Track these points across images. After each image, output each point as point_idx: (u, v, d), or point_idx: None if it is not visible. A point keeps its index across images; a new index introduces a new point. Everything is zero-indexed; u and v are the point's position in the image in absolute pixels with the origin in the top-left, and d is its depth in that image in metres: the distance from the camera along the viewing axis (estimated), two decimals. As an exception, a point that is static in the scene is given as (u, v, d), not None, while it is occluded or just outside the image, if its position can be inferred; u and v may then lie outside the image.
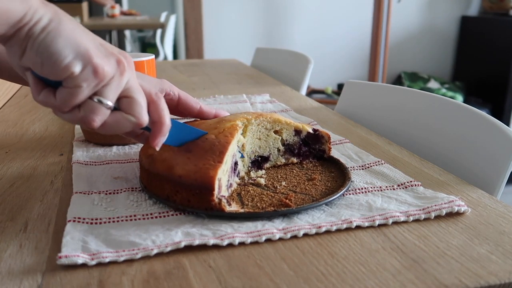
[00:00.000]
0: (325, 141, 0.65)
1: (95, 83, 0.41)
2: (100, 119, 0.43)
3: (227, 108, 0.98)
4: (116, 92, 0.43)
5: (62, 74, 0.39)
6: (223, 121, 0.58)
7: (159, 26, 3.45)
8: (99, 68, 0.40)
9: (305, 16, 3.13)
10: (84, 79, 0.40)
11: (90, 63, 0.40)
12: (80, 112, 0.42)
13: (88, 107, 0.42)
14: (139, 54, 0.79)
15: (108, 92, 0.42)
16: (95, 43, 0.41)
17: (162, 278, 0.40)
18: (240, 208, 0.51)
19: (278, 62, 1.63)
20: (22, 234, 0.47)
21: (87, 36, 0.41)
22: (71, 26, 0.40)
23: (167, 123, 0.48)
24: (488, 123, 0.69)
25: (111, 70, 0.41)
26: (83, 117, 0.42)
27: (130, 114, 0.44)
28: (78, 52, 0.39)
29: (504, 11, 3.13)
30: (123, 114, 0.44)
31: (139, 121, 0.45)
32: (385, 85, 0.97)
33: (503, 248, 0.44)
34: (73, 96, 0.41)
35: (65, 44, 0.39)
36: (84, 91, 0.41)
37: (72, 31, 0.40)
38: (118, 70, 0.42)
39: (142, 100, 0.45)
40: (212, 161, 0.50)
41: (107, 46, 0.42)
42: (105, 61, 0.41)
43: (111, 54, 0.42)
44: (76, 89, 0.40)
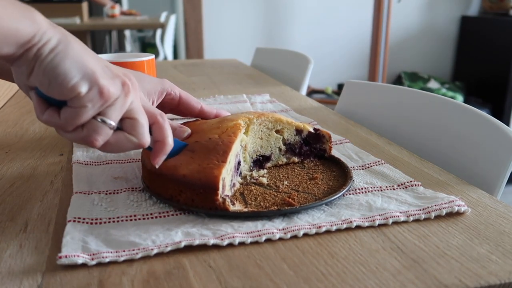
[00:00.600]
0: (326, 140, 0.65)
1: (100, 103, 0.41)
2: (103, 138, 0.43)
3: (227, 108, 0.98)
4: (120, 112, 0.44)
5: (69, 94, 0.40)
6: (225, 120, 0.58)
7: (159, 26, 3.45)
8: (104, 89, 0.41)
9: (305, 16, 3.13)
10: (89, 100, 0.41)
11: (96, 84, 0.41)
12: (83, 131, 0.43)
13: (91, 127, 0.43)
14: (139, 54, 0.79)
15: (112, 112, 0.43)
16: (101, 65, 0.42)
17: (162, 278, 0.40)
18: (244, 208, 0.51)
19: (278, 62, 1.63)
20: (22, 234, 0.47)
21: (93, 58, 0.42)
22: (78, 48, 0.41)
23: (169, 143, 0.49)
24: (488, 123, 0.69)
25: (116, 91, 0.42)
26: (86, 136, 0.43)
27: (132, 135, 0.45)
28: (85, 73, 0.40)
29: (504, 11, 3.13)
30: (125, 135, 0.45)
31: (141, 142, 0.46)
32: (385, 85, 0.97)
33: (503, 248, 0.44)
34: (78, 116, 0.41)
35: (72, 65, 0.40)
36: (89, 111, 0.41)
37: (79, 53, 0.41)
38: (123, 91, 0.43)
39: (144, 122, 0.46)
40: (216, 161, 0.50)
41: (112, 68, 0.44)
42: (111, 82, 0.42)
43: (116, 76, 0.43)
44: (81, 109, 0.41)
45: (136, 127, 0.45)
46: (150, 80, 0.61)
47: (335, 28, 3.19)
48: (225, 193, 0.51)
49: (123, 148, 0.46)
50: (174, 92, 0.63)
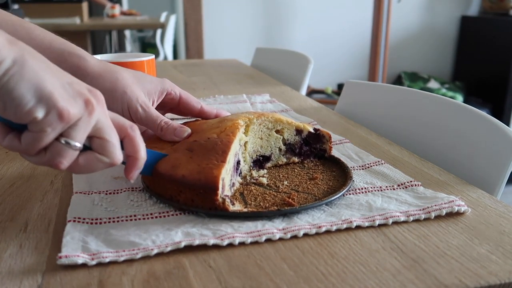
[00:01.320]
0: (326, 140, 0.65)
1: (60, 126, 0.39)
2: (68, 161, 0.41)
3: (227, 108, 0.98)
4: (85, 133, 0.41)
5: (25, 119, 0.38)
6: (225, 120, 0.58)
7: (159, 26, 3.45)
8: (64, 112, 0.38)
9: (305, 16, 3.13)
10: (48, 124, 0.38)
11: (54, 107, 0.38)
12: (46, 155, 0.41)
13: (54, 150, 0.40)
14: (139, 54, 0.79)
15: (75, 133, 0.40)
16: (62, 83, 0.40)
17: (162, 278, 0.40)
18: (244, 208, 0.51)
19: (278, 62, 1.63)
20: (22, 234, 0.47)
21: (53, 76, 0.39)
22: (36, 67, 0.38)
23: (142, 157, 0.47)
24: (488, 123, 0.69)
25: (78, 111, 0.40)
26: (50, 160, 0.41)
27: (103, 155, 0.43)
28: (41, 96, 0.38)
29: (504, 11, 3.13)
30: (95, 155, 0.43)
31: (113, 162, 0.44)
32: (385, 85, 0.97)
33: (503, 248, 0.44)
34: (38, 140, 0.39)
35: (28, 88, 0.37)
36: (49, 135, 0.39)
37: (36, 74, 0.38)
38: (86, 110, 0.40)
39: (115, 140, 0.44)
40: (215, 161, 0.50)
41: (75, 86, 0.41)
42: (71, 103, 0.39)
43: (78, 94, 0.40)
44: (40, 133, 0.39)
45: (105, 147, 0.43)
46: (150, 80, 0.61)
47: (335, 28, 3.18)
48: (225, 193, 0.51)
49: (94, 168, 0.44)
50: (174, 92, 0.63)
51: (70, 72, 0.56)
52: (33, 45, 0.55)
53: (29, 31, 0.55)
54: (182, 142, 0.56)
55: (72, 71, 0.56)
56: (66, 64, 0.56)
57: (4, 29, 0.54)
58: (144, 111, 0.57)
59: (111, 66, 0.59)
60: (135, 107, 0.57)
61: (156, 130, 0.58)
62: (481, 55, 3.20)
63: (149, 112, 0.58)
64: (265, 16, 3.10)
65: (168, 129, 0.57)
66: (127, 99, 0.57)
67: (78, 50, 0.58)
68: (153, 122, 0.58)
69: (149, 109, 0.58)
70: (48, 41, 0.56)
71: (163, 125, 0.57)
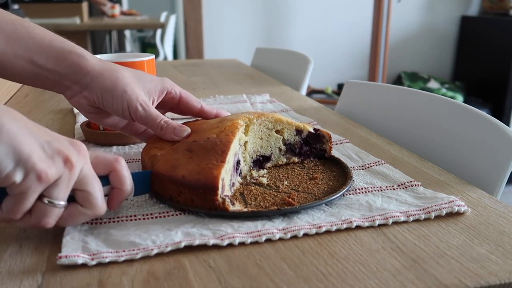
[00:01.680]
0: (326, 140, 0.65)
1: (40, 187, 0.39)
2: (54, 219, 0.42)
3: (227, 108, 0.98)
4: (67, 189, 0.41)
5: (4, 183, 0.38)
6: (225, 120, 0.58)
7: (159, 26, 3.45)
8: (42, 174, 0.39)
9: (305, 16, 3.13)
10: (27, 186, 0.39)
11: (32, 169, 0.38)
12: (31, 217, 0.41)
13: (38, 211, 0.41)
14: (139, 54, 0.79)
15: (57, 192, 0.40)
16: (40, 143, 0.40)
17: (162, 278, 0.40)
18: (244, 208, 0.51)
19: (278, 62, 1.63)
20: (22, 234, 0.47)
21: (30, 137, 0.39)
22: (13, 129, 0.38)
23: (127, 190, 0.47)
24: (488, 123, 0.69)
25: (57, 171, 0.40)
26: (36, 222, 0.41)
27: (85, 207, 0.43)
28: (19, 159, 0.38)
29: (504, 11, 3.13)
30: (78, 208, 0.43)
31: (96, 213, 0.44)
32: (385, 85, 0.97)
33: (503, 248, 0.44)
34: (20, 203, 0.39)
35: (5, 152, 0.37)
36: (30, 197, 0.39)
37: (14, 136, 0.38)
38: (66, 168, 0.40)
39: (97, 191, 0.43)
40: (215, 161, 0.50)
41: (53, 144, 0.41)
42: (50, 163, 0.39)
43: (57, 153, 0.40)
44: (21, 195, 0.39)
45: (88, 199, 0.43)
46: (150, 79, 0.61)
47: (335, 28, 3.18)
48: (225, 193, 0.51)
49: (77, 221, 0.44)
50: (175, 91, 0.63)
51: (70, 71, 0.56)
52: (33, 44, 0.55)
53: (29, 30, 0.55)
54: (182, 142, 0.56)
55: (72, 69, 0.56)
56: (66, 63, 0.56)
57: (4, 28, 0.54)
58: (144, 110, 0.57)
59: (112, 65, 0.58)
60: (135, 106, 0.57)
61: (156, 129, 0.58)
62: (481, 55, 3.19)
63: (149, 111, 0.58)
64: (265, 16, 3.10)
65: (168, 128, 0.57)
66: (127, 98, 0.57)
67: (78, 49, 0.58)
68: (153, 121, 0.58)
69: (149, 108, 0.58)
70: (48, 40, 0.56)
71: (163, 124, 0.57)
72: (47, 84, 0.58)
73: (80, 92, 0.58)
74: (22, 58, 0.55)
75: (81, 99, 0.58)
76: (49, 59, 0.56)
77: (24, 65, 0.55)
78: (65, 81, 0.57)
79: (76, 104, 0.59)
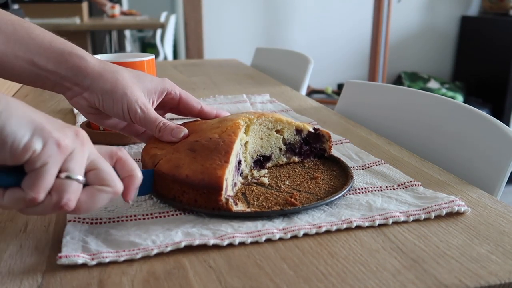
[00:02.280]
0: (326, 140, 0.65)
1: (59, 158, 0.38)
2: (75, 197, 0.39)
3: (227, 108, 0.98)
4: (82, 164, 0.40)
5: (24, 155, 0.36)
6: (225, 120, 0.58)
7: (159, 26, 3.45)
8: (61, 141, 0.37)
9: (305, 16, 3.13)
10: (48, 155, 0.37)
11: (50, 137, 0.37)
12: (52, 197, 0.38)
13: (59, 188, 0.38)
14: (139, 54, 0.79)
15: (74, 165, 0.39)
16: (47, 119, 0.39)
17: (162, 278, 0.40)
18: (247, 208, 0.51)
19: (278, 62, 1.63)
20: (22, 234, 0.47)
21: (37, 113, 0.39)
22: (19, 105, 0.38)
23: (139, 175, 0.45)
24: (488, 123, 0.69)
25: (72, 142, 0.39)
26: (57, 200, 0.38)
27: (103, 185, 0.41)
28: (35, 129, 0.37)
29: (504, 11, 3.13)
30: (96, 187, 0.41)
31: (116, 189, 0.42)
32: (385, 85, 0.97)
33: (503, 248, 0.44)
34: (41, 177, 0.37)
35: (19, 123, 0.36)
36: (51, 168, 0.37)
37: (23, 109, 0.37)
38: (78, 141, 0.40)
39: (110, 168, 0.42)
40: (218, 161, 0.51)
41: (59, 122, 0.40)
42: (64, 133, 0.38)
43: (67, 126, 0.40)
44: (42, 169, 0.37)
45: (104, 176, 0.41)
46: (151, 79, 0.61)
47: (335, 28, 3.18)
48: (228, 193, 0.51)
49: (97, 202, 0.41)
50: (175, 92, 0.63)
51: (70, 73, 0.56)
52: (33, 45, 0.55)
53: (29, 31, 0.55)
54: (184, 142, 0.56)
55: (73, 71, 0.56)
56: (66, 65, 0.56)
57: (4, 29, 0.54)
58: (143, 113, 0.57)
59: (111, 66, 0.58)
60: (134, 109, 0.57)
61: (154, 131, 0.58)
62: (481, 55, 3.19)
63: (148, 113, 0.58)
64: (265, 16, 3.10)
65: (166, 129, 0.57)
66: (127, 100, 0.57)
67: (78, 50, 0.58)
68: (151, 123, 0.58)
69: (148, 110, 0.58)
70: (48, 41, 0.56)
71: (161, 126, 0.57)
72: (47, 85, 0.58)
73: (80, 93, 0.58)
74: (22, 59, 0.55)
75: (81, 100, 0.58)
76: (49, 61, 0.56)
77: (24, 66, 0.55)
78: (65, 82, 0.57)
79: (76, 105, 0.59)
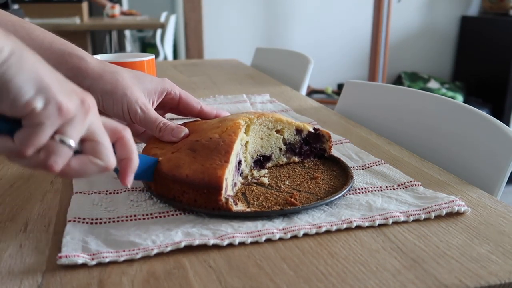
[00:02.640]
0: (326, 140, 0.65)
1: (58, 121, 0.37)
2: (62, 161, 0.39)
3: (227, 108, 0.98)
4: (79, 132, 0.39)
5: (23, 111, 0.36)
6: (225, 120, 0.58)
7: (159, 26, 3.45)
8: (63, 104, 0.37)
9: (305, 16, 3.13)
10: (46, 116, 0.37)
11: (53, 99, 0.37)
12: (40, 155, 0.38)
13: (49, 148, 0.38)
14: (139, 54, 0.79)
15: (70, 131, 0.38)
16: (58, 79, 0.38)
17: (162, 278, 0.40)
18: (246, 208, 0.51)
19: (278, 62, 1.63)
20: (22, 234, 0.47)
21: (49, 71, 0.38)
22: (33, 59, 0.37)
23: (135, 160, 0.45)
24: (488, 123, 0.69)
25: (75, 108, 0.38)
26: (44, 160, 0.38)
27: (97, 158, 0.41)
28: (40, 87, 0.36)
29: (504, 11, 3.13)
30: (90, 158, 0.41)
31: (107, 165, 0.41)
32: (385, 85, 0.97)
33: (503, 248, 0.44)
34: (35, 135, 0.37)
35: (27, 78, 0.36)
36: (47, 129, 0.37)
37: (34, 65, 0.37)
38: (82, 109, 0.39)
39: (108, 143, 0.42)
40: (218, 161, 0.51)
41: (70, 85, 0.40)
42: (69, 98, 0.38)
43: (74, 91, 0.39)
44: (38, 127, 0.37)
45: (99, 149, 0.41)
46: (151, 80, 0.61)
47: (335, 28, 3.18)
48: (228, 193, 0.51)
49: (87, 172, 0.41)
50: (174, 92, 0.63)
51: (70, 74, 0.56)
52: (34, 46, 0.55)
53: (29, 32, 0.55)
54: (184, 142, 0.56)
55: (73, 72, 0.56)
56: (66, 66, 0.56)
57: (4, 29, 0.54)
58: (143, 113, 0.58)
59: (111, 67, 0.59)
60: (134, 109, 0.57)
61: (154, 131, 0.58)
62: (481, 55, 3.19)
63: (148, 113, 0.58)
64: (265, 16, 3.09)
65: (166, 130, 0.57)
66: (127, 100, 0.57)
67: (78, 51, 0.58)
68: (151, 123, 0.58)
69: (148, 110, 0.58)
70: (48, 42, 0.56)
71: (161, 126, 0.57)
72: None
73: None
74: None
75: None
76: (50, 62, 0.55)
77: None
78: None
79: (77, 105, 0.59)
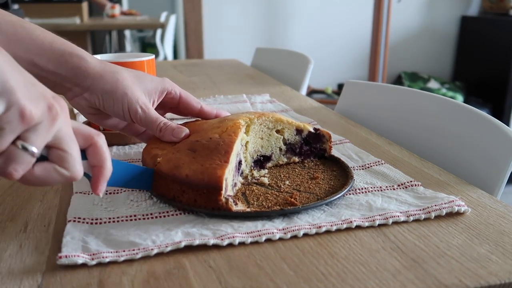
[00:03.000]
0: (326, 140, 0.65)
1: (19, 127, 0.35)
2: (23, 168, 0.37)
3: (227, 108, 0.98)
4: (44, 139, 0.37)
5: None
6: (226, 120, 0.58)
7: (159, 26, 3.45)
8: (26, 110, 0.34)
9: (305, 16, 3.13)
10: (6, 121, 0.34)
11: (16, 104, 0.34)
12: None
13: (9, 155, 0.36)
14: (139, 54, 0.79)
15: (34, 137, 0.36)
16: (25, 82, 0.36)
17: (162, 278, 0.40)
18: (246, 208, 0.51)
19: (278, 62, 1.63)
20: (22, 234, 0.47)
21: (18, 73, 0.36)
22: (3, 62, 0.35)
23: (108, 167, 0.43)
24: (488, 123, 0.69)
25: (40, 114, 0.36)
26: (3, 167, 0.36)
27: (62, 167, 0.39)
28: (3, 90, 0.34)
29: (504, 11, 3.13)
30: (55, 167, 0.39)
31: (73, 176, 0.40)
32: (385, 85, 0.97)
33: (503, 248, 0.44)
34: None
35: None
36: (6, 135, 0.35)
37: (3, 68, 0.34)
38: (49, 115, 0.37)
39: (75, 153, 0.40)
40: (218, 161, 0.51)
41: (38, 88, 0.37)
42: (34, 103, 0.35)
43: (42, 97, 0.37)
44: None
45: (66, 159, 0.39)
46: (151, 79, 0.61)
47: (335, 28, 3.18)
48: (228, 193, 0.51)
49: (50, 181, 0.39)
50: (175, 92, 0.63)
51: (71, 73, 0.56)
52: (34, 46, 0.55)
53: (29, 32, 0.55)
54: (184, 142, 0.56)
55: (73, 72, 0.56)
56: (67, 65, 0.56)
57: (5, 29, 0.54)
58: (143, 113, 0.58)
59: (112, 67, 0.59)
60: (135, 109, 0.57)
61: (155, 131, 0.58)
62: (481, 55, 3.19)
63: (149, 113, 0.58)
64: (265, 16, 3.09)
65: (167, 129, 0.57)
66: (128, 100, 0.57)
67: (79, 51, 0.58)
68: (152, 123, 0.58)
69: (149, 110, 0.58)
70: (48, 42, 0.56)
71: (162, 126, 0.57)
72: (48, 86, 0.57)
73: (81, 94, 0.58)
74: (22, 60, 0.54)
75: (82, 101, 0.58)
76: (50, 62, 0.56)
77: (25, 67, 0.54)
78: (66, 83, 0.57)
79: (77, 105, 0.59)
